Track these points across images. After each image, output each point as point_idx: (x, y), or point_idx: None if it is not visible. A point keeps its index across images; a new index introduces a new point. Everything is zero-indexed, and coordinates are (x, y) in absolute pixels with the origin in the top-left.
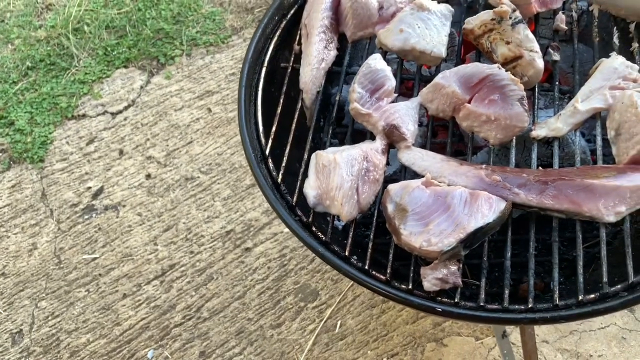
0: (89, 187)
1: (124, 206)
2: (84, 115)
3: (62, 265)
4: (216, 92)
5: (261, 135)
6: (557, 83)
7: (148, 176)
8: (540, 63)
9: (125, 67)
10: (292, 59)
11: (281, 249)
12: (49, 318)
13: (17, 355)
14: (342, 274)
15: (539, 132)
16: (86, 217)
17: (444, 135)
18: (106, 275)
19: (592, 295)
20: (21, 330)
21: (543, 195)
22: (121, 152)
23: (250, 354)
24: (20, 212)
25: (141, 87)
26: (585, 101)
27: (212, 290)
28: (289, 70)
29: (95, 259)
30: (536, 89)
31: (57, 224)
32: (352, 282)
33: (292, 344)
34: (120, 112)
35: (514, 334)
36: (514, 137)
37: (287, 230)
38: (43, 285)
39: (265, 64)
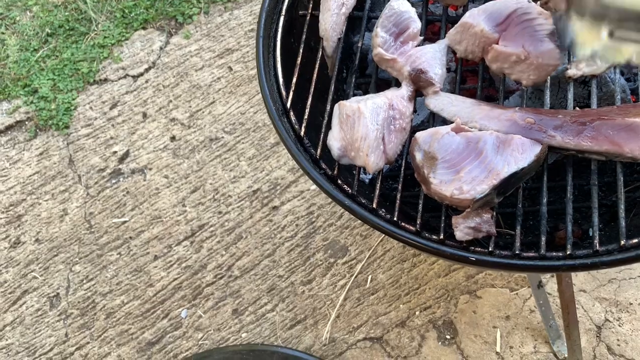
0: (115, 152)
1: (150, 169)
2: (105, 80)
3: (93, 230)
4: (236, 50)
5: (282, 87)
6: None
7: (173, 138)
8: None
9: (144, 28)
10: (311, 5)
11: (308, 207)
12: (84, 281)
13: (55, 317)
14: (370, 226)
15: (575, 70)
16: (114, 181)
17: (473, 81)
18: (137, 238)
19: (635, 240)
20: (58, 294)
21: (581, 136)
22: (145, 115)
23: (283, 310)
24: (50, 179)
25: (161, 48)
26: None
27: (242, 249)
28: (308, 17)
29: (125, 222)
30: None
31: (85, 190)
32: (382, 236)
33: (323, 299)
34: (142, 74)
35: (550, 284)
36: (548, 78)
37: (313, 187)
38: (76, 249)
39: (283, 12)
